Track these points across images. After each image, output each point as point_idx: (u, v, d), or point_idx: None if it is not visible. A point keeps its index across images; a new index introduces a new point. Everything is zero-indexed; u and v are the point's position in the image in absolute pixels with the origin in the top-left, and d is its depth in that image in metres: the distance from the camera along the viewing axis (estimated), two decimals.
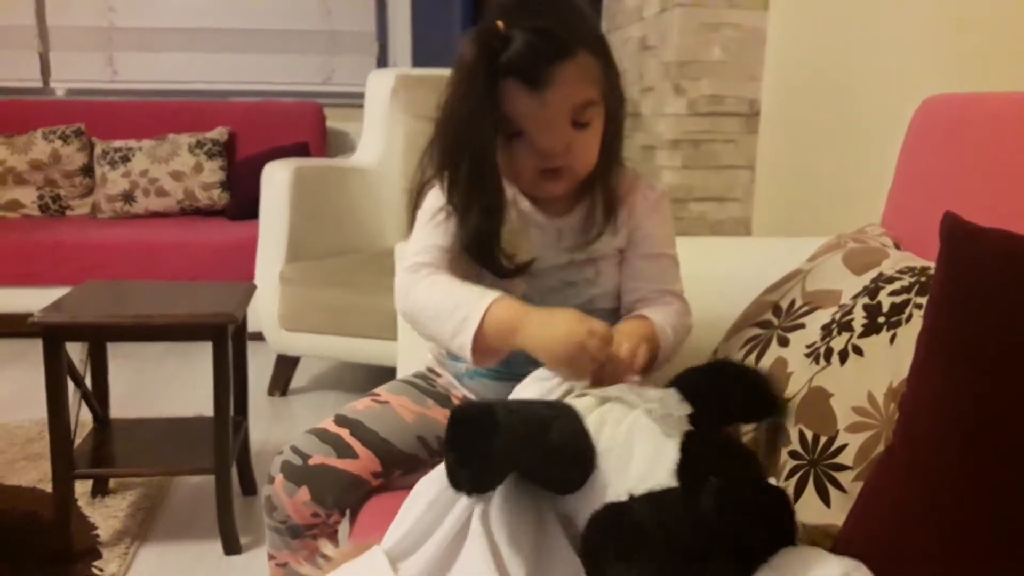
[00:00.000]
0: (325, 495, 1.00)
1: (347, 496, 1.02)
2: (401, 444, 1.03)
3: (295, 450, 1.01)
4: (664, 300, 1.03)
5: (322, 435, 1.01)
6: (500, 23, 0.88)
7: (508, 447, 0.69)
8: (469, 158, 0.92)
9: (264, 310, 2.41)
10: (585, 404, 0.78)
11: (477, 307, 0.88)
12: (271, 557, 1.07)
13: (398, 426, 1.04)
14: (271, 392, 2.56)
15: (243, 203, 3.23)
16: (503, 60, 0.87)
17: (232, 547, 1.66)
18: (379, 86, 2.78)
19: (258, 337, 2.41)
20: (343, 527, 1.05)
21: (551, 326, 0.84)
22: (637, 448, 0.73)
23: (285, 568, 1.05)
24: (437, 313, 0.91)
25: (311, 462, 0.99)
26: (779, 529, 0.69)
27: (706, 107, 2.22)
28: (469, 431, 0.70)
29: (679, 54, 2.18)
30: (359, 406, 1.06)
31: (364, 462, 1.01)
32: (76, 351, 1.73)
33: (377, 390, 1.09)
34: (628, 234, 1.03)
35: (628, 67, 2.65)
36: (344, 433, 1.01)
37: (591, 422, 0.75)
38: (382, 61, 3.95)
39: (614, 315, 1.05)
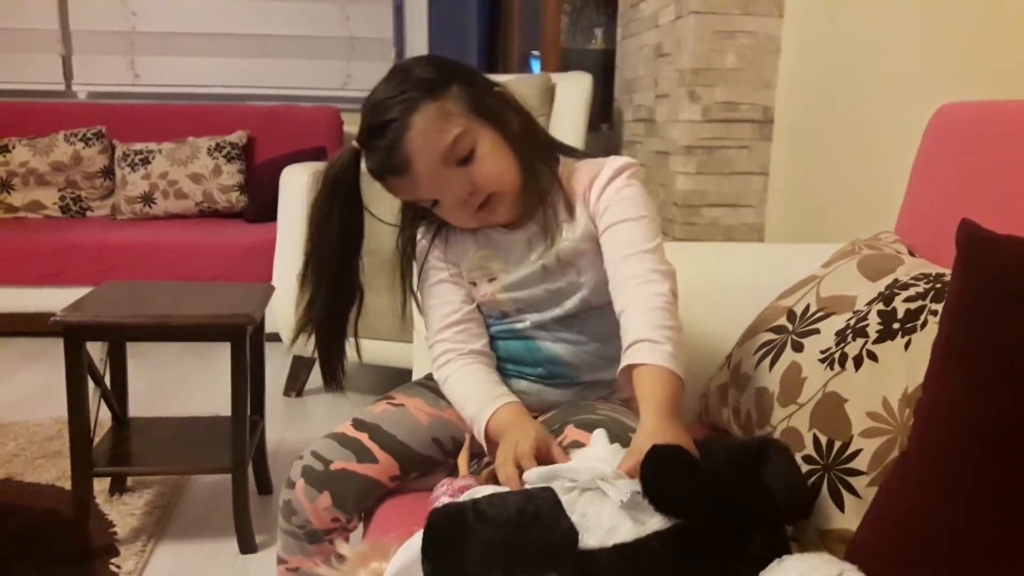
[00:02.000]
0: (346, 500, 1.01)
1: (366, 500, 1.03)
2: (418, 446, 1.04)
3: (316, 455, 1.01)
4: (642, 288, 0.94)
5: (342, 440, 1.02)
6: (355, 143, 0.98)
7: (481, 554, 0.69)
8: (311, 258, 1.02)
9: (281, 312, 2.43)
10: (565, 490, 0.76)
11: (480, 419, 0.99)
12: (282, 561, 1.07)
13: (414, 429, 1.05)
14: (287, 393, 2.58)
15: (261, 206, 3.25)
16: (371, 170, 0.97)
17: (248, 546, 1.68)
18: None
19: (275, 338, 2.43)
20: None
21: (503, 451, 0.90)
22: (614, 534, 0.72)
23: (296, 573, 1.06)
24: (458, 409, 1.04)
25: (332, 467, 1.00)
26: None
27: (720, 114, 2.22)
28: (441, 539, 0.70)
29: (694, 61, 2.19)
30: (376, 409, 1.07)
31: (384, 466, 1.02)
32: (96, 350, 1.76)
33: (392, 393, 1.11)
34: (592, 221, 1.01)
35: (643, 74, 2.65)
36: (363, 437, 1.02)
37: (567, 503, 0.73)
38: None
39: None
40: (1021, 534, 0.62)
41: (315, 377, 2.66)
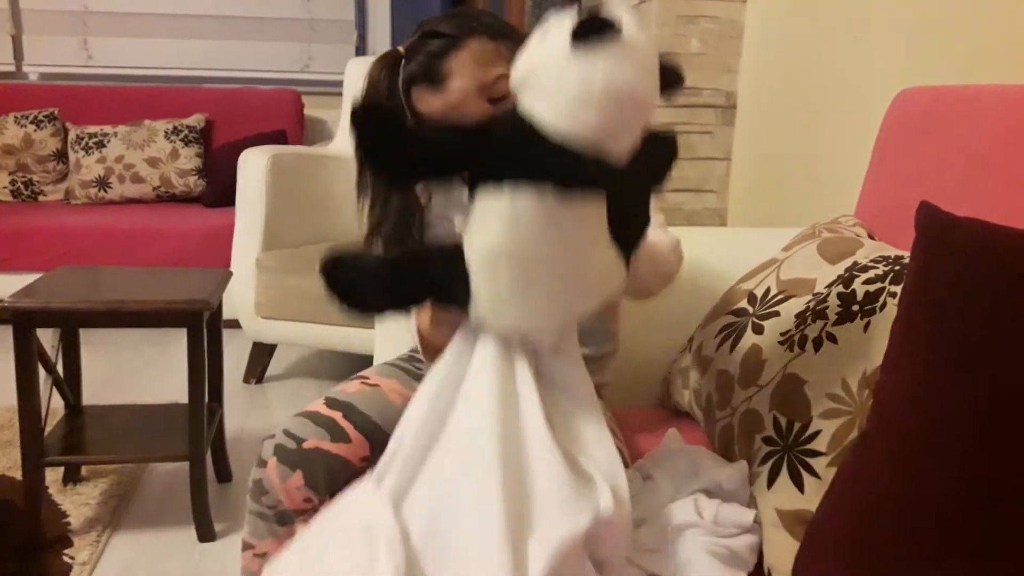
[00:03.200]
0: (319, 480, 0.98)
1: (338, 480, 0.99)
2: (391, 429, 1.01)
3: (288, 434, 0.99)
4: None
5: (315, 418, 1.00)
6: (400, 48, 0.99)
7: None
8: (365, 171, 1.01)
9: (240, 297, 2.40)
10: None
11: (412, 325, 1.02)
12: (248, 546, 1.04)
13: (388, 410, 1.03)
14: (247, 380, 2.55)
15: (219, 190, 3.20)
16: (405, 75, 0.97)
17: (206, 534, 1.65)
18: (358, 74, 2.77)
19: (234, 325, 2.39)
20: None
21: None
22: None
23: (263, 559, 1.02)
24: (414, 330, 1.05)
25: (305, 445, 0.98)
26: None
27: (683, 99, 2.22)
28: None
29: (657, 45, 2.19)
30: (350, 388, 1.05)
31: (355, 447, 1.00)
32: (49, 337, 1.71)
33: (365, 373, 1.09)
34: None
35: None
36: (337, 416, 1.01)
37: None
38: (361, 49, 3.92)
39: None
40: (978, 515, 0.63)
41: (275, 364, 2.64)
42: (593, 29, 0.68)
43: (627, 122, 0.72)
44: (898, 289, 0.83)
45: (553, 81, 0.69)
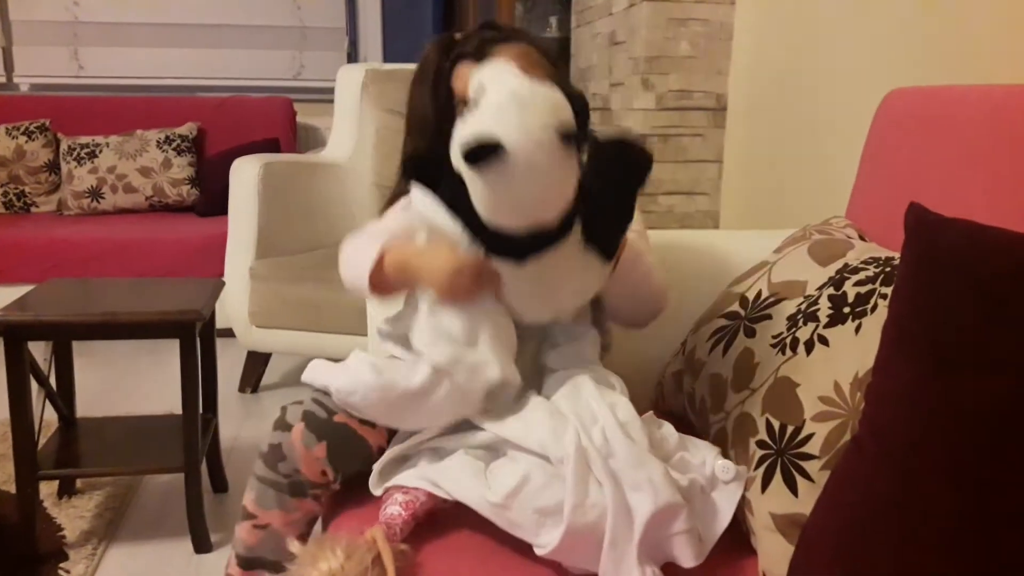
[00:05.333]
0: (340, 456, 0.96)
1: (355, 463, 0.98)
2: None
3: (318, 403, 0.97)
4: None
5: None
6: (457, 34, 1.09)
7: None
8: (418, 131, 1.09)
9: (234, 307, 2.39)
10: None
11: (369, 260, 0.97)
12: (249, 516, 1.00)
13: None
14: (242, 389, 2.54)
15: (213, 199, 3.19)
16: (456, 52, 1.06)
17: (202, 545, 1.65)
18: (349, 81, 2.76)
19: (229, 334, 2.39)
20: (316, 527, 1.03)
21: (431, 260, 0.91)
22: None
23: (264, 530, 0.98)
24: (347, 262, 1.03)
25: (336, 418, 0.96)
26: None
27: (674, 102, 2.23)
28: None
29: (647, 49, 2.19)
30: None
31: (377, 433, 0.98)
32: (41, 350, 1.71)
33: None
34: None
35: (597, 62, 2.65)
36: None
37: None
38: (352, 56, 3.92)
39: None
40: (972, 516, 0.63)
41: (271, 373, 2.63)
42: (477, 156, 0.78)
43: (542, 202, 0.83)
44: (889, 290, 0.83)
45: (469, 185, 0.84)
